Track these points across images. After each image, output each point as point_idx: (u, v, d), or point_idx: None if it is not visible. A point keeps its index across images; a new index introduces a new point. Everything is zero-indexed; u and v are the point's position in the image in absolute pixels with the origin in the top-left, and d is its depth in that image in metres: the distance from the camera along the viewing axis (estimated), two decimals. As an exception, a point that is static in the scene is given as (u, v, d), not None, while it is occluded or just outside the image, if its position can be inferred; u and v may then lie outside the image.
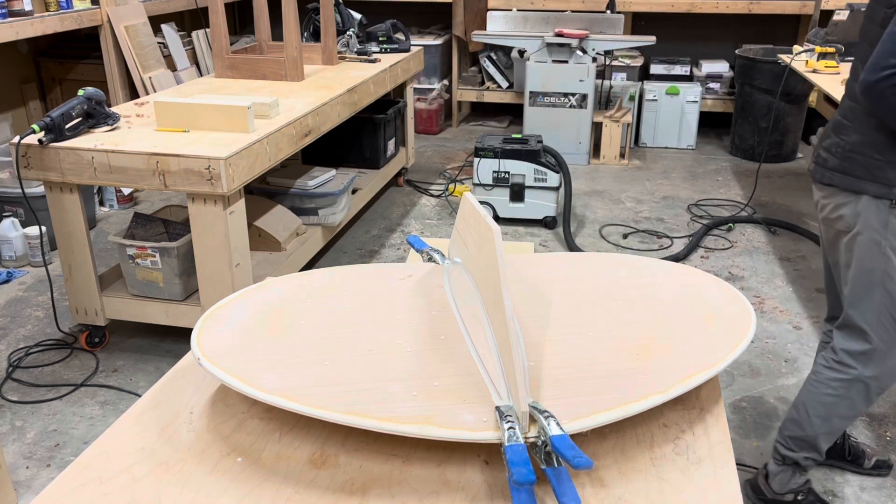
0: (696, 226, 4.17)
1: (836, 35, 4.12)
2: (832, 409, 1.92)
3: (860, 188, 1.79)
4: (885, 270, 1.80)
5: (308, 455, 1.02)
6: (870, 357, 1.86)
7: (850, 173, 1.80)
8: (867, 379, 1.88)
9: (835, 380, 1.92)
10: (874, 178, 1.77)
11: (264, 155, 2.66)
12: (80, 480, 0.98)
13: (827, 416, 1.93)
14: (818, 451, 1.99)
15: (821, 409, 1.94)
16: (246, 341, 1.16)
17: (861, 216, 1.80)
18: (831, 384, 1.92)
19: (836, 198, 1.85)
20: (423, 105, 5.90)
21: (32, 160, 2.57)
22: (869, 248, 1.80)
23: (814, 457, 2.00)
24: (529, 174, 4.04)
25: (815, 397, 1.95)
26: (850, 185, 1.81)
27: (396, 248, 3.89)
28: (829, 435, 1.97)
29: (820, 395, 1.94)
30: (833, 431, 1.96)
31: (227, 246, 2.56)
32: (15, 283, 3.51)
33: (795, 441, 2.01)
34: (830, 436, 1.97)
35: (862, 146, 1.78)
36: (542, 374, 1.07)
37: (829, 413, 1.93)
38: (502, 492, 0.96)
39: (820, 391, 1.94)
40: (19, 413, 2.57)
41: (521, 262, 1.47)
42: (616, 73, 5.60)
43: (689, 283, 1.36)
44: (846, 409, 1.92)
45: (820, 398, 1.94)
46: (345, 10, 4.34)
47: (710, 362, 1.10)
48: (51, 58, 4.84)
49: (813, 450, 1.99)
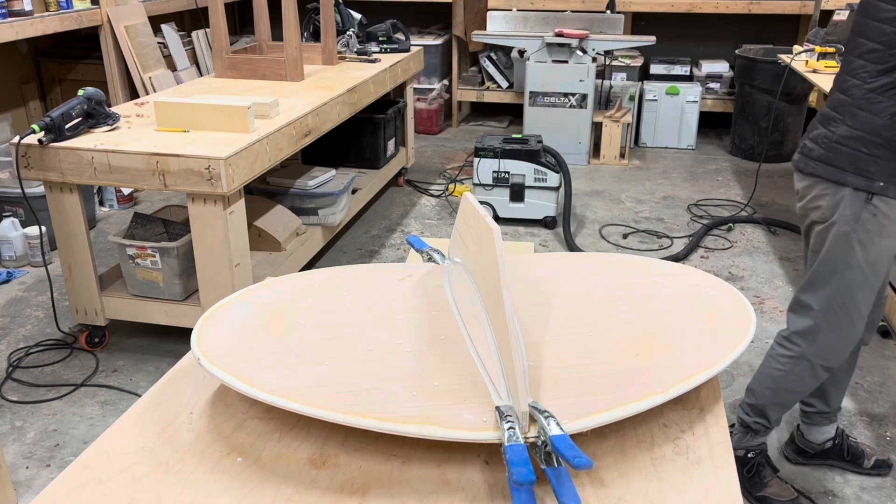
0: (696, 226, 4.17)
1: (836, 35, 4.12)
2: (780, 382, 2.06)
3: (842, 179, 1.84)
4: (847, 260, 1.88)
5: (308, 455, 1.02)
6: (814, 336, 1.98)
7: (835, 164, 1.86)
8: (811, 357, 2.00)
9: (783, 356, 2.05)
10: (857, 170, 1.82)
11: (264, 155, 2.66)
12: (80, 480, 0.98)
13: (775, 389, 2.07)
14: (767, 418, 2.14)
15: (770, 382, 2.08)
16: (246, 341, 1.16)
17: (838, 208, 1.86)
18: (780, 359, 2.06)
19: (816, 188, 1.91)
20: (423, 105, 5.89)
21: (32, 160, 2.57)
22: (839, 238, 1.88)
23: (763, 423, 2.15)
24: (529, 174, 4.04)
25: (766, 370, 2.09)
26: (832, 176, 1.86)
27: (396, 248, 3.89)
28: (778, 406, 2.11)
29: (770, 368, 2.08)
30: (782, 403, 2.10)
31: (227, 246, 2.56)
32: (15, 283, 3.51)
33: (750, 407, 2.16)
34: (780, 407, 2.11)
35: (849, 139, 1.83)
36: (542, 374, 1.07)
37: (777, 386, 2.07)
38: (502, 492, 0.96)
39: (770, 365, 2.08)
40: (19, 413, 2.57)
41: (521, 262, 1.47)
42: (616, 73, 5.60)
43: (689, 283, 1.36)
44: (793, 384, 2.05)
45: (770, 371, 2.08)
46: (345, 10, 4.34)
47: (710, 362, 1.10)
48: (51, 58, 4.84)
49: (763, 417, 2.14)
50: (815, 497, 2.20)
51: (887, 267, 1.90)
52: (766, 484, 2.16)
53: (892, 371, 2.80)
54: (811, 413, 2.27)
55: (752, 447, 2.19)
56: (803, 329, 2.00)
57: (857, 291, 1.91)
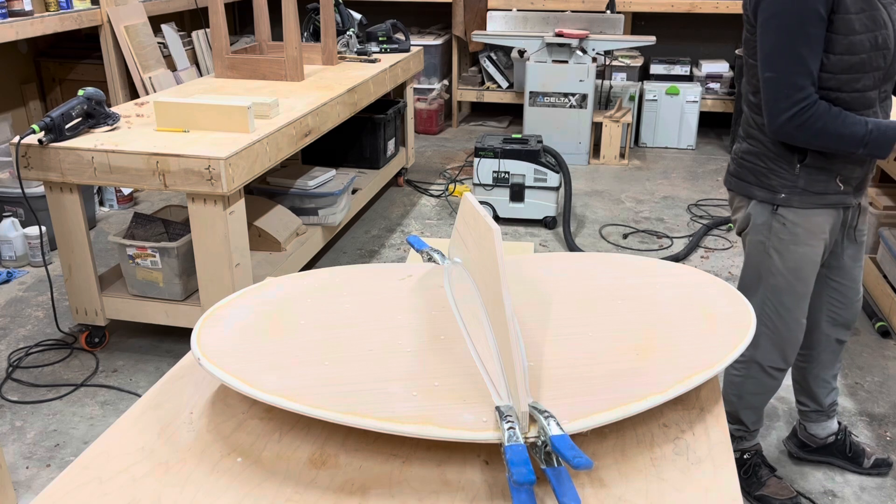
0: (696, 226, 4.17)
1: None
2: (740, 387, 2.12)
3: (749, 193, 1.93)
4: (767, 268, 1.95)
5: (308, 455, 1.02)
6: (756, 342, 2.04)
7: (743, 178, 1.95)
8: (759, 360, 2.06)
9: (737, 362, 2.10)
10: (761, 183, 1.90)
11: (264, 155, 2.66)
12: (80, 480, 0.98)
13: (740, 395, 2.13)
14: (744, 424, 2.18)
15: (733, 388, 2.14)
16: (246, 341, 1.16)
17: (751, 218, 1.94)
18: (735, 366, 2.13)
19: (734, 201, 2.02)
20: (423, 105, 5.89)
21: (32, 160, 2.57)
22: (755, 247, 1.96)
23: (742, 428, 2.19)
24: (529, 174, 4.04)
25: (728, 378, 2.16)
26: (741, 190, 1.96)
27: (396, 248, 3.89)
28: (748, 410, 2.16)
29: (730, 375, 2.15)
30: (751, 406, 2.15)
31: (227, 246, 2.56)
32: (15, 283, 3.51)
33: (728, 415, 2.20)
34: (751, 411, 2.16)
35: (750, 155, 1.92)
36: (542, 374, 1.07)
37: (740, 391, 2.13)
38: (502, 492, 0.96)
39: (729, 372, 2.15)
40: (19, 413, 2.57)
41: (521, 262, 1.47)
42: (616, 73, 5.60)
43: (689, 283, 1.36)
44: (753, 386, 2.10)
45: (730, 378, 2.15)
46: (345, 10, 4.34)
47: (710, 362, 1.10)
48: (51, 58, 4.84)
49: (739, 423, 2.19)
50: (814, 497, 2.20)
51: (811, 272, 1.94)
52: (764, 483, 2.18)
53: (892, 371, 2.80)
54: (807, 412, 2.29)
55: (747, 449, 2.21)
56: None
57: (783, 297, 1.96)
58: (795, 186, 1.85)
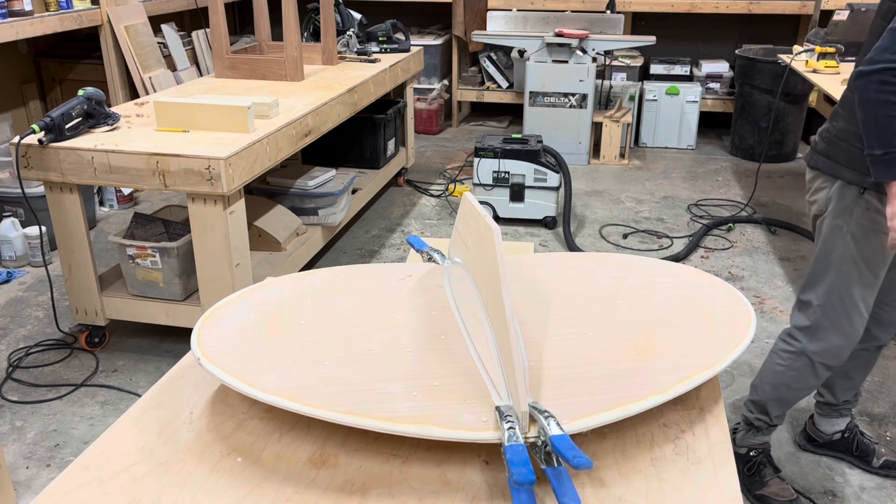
0: (696, 226, 4.17)
1: (836, 35, 4.12)
2: (780, 377, 2.07)
3: (837, 173, 1.87)
4: (841, 254, 1.89)
5: (308, 455, 1.02)
6: (814, 333, 1.98)
7: (833, 158, 1.89)
8: (811, 354, 2.00)
9: (784, 351, 2.06)
10: (851, 164, 1.84)
11: (264, 155, 2.66)
12: (80, 480, 0.98)
13: (775, 385, 2.08)
14: (768, 415, 2.14)
15: (771, 377, 2.09)
16: (246, 341, 1.16)
17: (832, 200, 1.89)
18: (781, 355, 2.07)
19: (817, 181, 1.95)
20: (423, 105, 5.89)
21: (32, 160, 2.57)
22: (832, 232, 1.91)
23: (765, 420, 2.16)
24: (529, 174, 4.04)
25: (769, 366, 2.11)
26: (829, 170, 1.90)
27: (396, 248, 3.89)
28: (777, 402, 2.11)
29: (772, 364, 2.09)
30: (782, 399, 2.10)
31: (227, 246, 2.56)
32: (15, 283, 3.51)
33: (753, 403, 2.18)
34: (780, 403, 2.11)
35: (847, 133, 1.85)
36: (542, 374, 1.07)
37: (777, 381, 2.08)
38: (502, 492, 0.96)
39: (773, 360, 2.10)
40: (19, 413, 2.57)
41: (521, 262, 1.47)
42: (616, 73, 5.60)
43: (689, 283, 1.36)
44: (793, 380, 2.06)
45: (772, 367, 2.09)
46: (345, 10, 4.34)
47: (710, 362, 1.10)
48: (51, 58, 4.84)
49: (764, 413, 2.15)
50: (815, 497, 2.20)
51: (882, 264, 1.91)
52: (766, 483, 2.17)
53: (892, 371, 2.80)
54: (821, 403, 2.31)
55: (755, 445, 2.20)
56: (804, 325, 2.01)
57: (853, 287, 1.91)
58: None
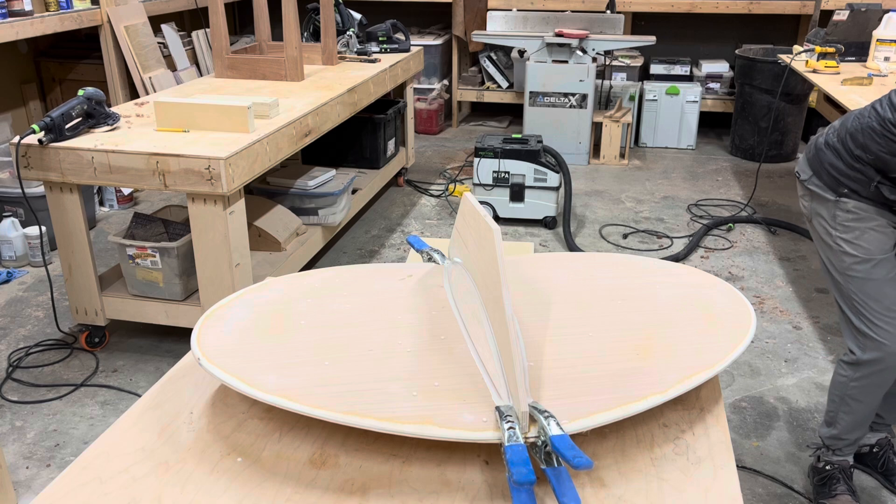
0: (696, 226, 4.17)
1: (836, 35, 4.11)
2: (843, 389, 2.07)
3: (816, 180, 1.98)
4: (841, 261, 1.96)
5: (308, 455, 1.02)
6: (863, 341, 1.98)
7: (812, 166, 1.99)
8: (867, 362, 1.99)
9: (843, 363, 2.08)
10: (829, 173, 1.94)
11: (264, 155, 2.66)
12: (80, 480, 0.98)
13: (841, 396, 2.08)
14: (836, 428, 2.13)
15: (836, 389, 2.10)
16: (246, 341, 1.16)
17: (814, 204, 1.99)
18: (842, 366, 2.08)
19: (800, 188, 2.05)
20: (423, 105, 5.89)
21: (32, 160, 2.57)
22: (822, 245, 2.00)
23: (832, 434, 2.14)
24: (529, 174, 4.04)
25: (834, 378, 2.12)
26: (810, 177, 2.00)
27: (396, 248, 3.89)
28: (848, 415, 2.09)
29: (837, 375, 2.10)
30: (851, 412, 2.08)
31: (227, 246, 2.56)
32: (15, 283, 3.51)
33: (824, 420, 2.18)
34: (850, 416, 2.09)
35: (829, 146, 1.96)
36: (542, 374, 1.07)
37: (843, 393, 2.07)
38: (502, 492, 0.96)
39: (837, 372, 2.11)
40: (19, 413, 2.57)
41: (521, 262, 1.47)
42: (616, 73, 5.60)
43: (689, 283, 1.36)
44: (857, 392, 2.04)
45: (836, 378, 2.11)
46: (345, 10, 4.34)
47: (710, 362, 1.10)
48: (51, 58, 4.84)
49: (832, 426, 2.14)
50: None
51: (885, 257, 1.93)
52: (834, 497, 2.12)
53: (892, 371, 2.80)
54: None
55: (833, 462, 2.17)
56: (850, 334, 2.03)
57: (866, 285, 1.94)
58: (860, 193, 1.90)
